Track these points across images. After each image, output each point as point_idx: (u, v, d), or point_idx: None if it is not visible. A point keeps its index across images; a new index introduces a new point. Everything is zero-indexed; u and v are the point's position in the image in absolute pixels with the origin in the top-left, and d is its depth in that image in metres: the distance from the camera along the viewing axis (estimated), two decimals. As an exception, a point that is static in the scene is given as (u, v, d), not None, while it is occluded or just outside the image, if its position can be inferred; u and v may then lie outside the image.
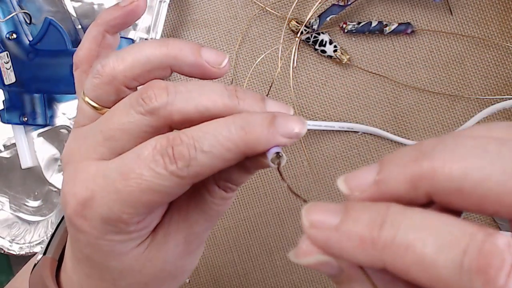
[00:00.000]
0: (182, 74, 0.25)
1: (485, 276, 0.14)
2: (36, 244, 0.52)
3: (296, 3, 0.49)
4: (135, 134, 0.23)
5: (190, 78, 0.26)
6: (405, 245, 0.15)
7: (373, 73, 0.48)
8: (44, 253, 0.30)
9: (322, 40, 0.48)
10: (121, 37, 0.44)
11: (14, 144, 0.54)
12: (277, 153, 0.22)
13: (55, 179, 0.54)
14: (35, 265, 0.30)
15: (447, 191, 0.16)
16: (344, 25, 0.47)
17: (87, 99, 0.25)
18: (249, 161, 0.23)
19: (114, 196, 0.23)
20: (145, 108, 0.23)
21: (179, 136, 0.22)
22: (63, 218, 0.32)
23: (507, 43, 0.46)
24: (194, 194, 0.26)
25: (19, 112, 0.51)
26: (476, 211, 0.16)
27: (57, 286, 0.28)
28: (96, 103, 0.25)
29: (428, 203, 0.17)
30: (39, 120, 0.52)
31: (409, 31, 0.47)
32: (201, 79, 0.25)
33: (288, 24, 0.49)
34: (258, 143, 0.22)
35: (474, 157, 0.16)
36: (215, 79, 0.25)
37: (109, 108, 0.25)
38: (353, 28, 0.47)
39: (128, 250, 0.25)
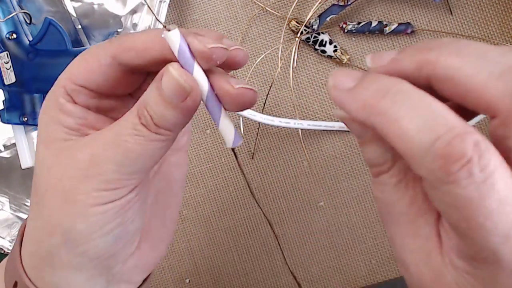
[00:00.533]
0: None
1: (443, 161, 0.17)
2: (36, 244, 0.52)
3: (296, 3, 0.49)
4: None
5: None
6: (395, 117, 0.18)
7: (373, 73, 0.48)
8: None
9: (322, 40, 0.48)
10: (121, 37, 0.44)
11: (14, 144, 0.54)
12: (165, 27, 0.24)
13: (55, 179, 0.54)
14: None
15: (442, 78, 0.19)
16: (344, 25, 0.47)
17: None
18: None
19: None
20: None
21: None
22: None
23: (507, 43, 0.46)
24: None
25: (19, 112, 0.51)
26: (462, 102, 0.19)
27: (20, 260, 0.27)
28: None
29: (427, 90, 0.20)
30: (39, 120, 0.52)
31: (409, 31, 0.47)
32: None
33: (288, 24, 0.49)
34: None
35: (471, 57, 0.19)
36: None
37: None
38: (353, 28, 0.47)
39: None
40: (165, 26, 0.23)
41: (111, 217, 0.25)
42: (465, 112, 0.20)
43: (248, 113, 0.47)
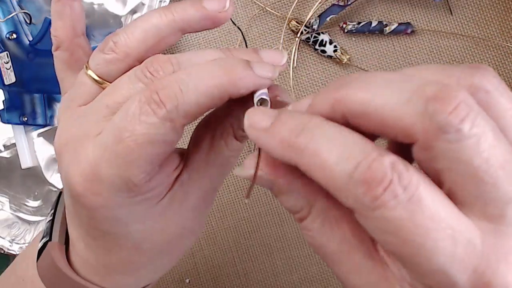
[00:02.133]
0: (194, 32, 0.26)
1: (367, 186, 0.17)
2: (36, 244, 0.52)
3: (296, 3, 0.49)
4: None
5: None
6: (314, 151, 0.19)
7: (373, 73, 0.48)
8: (50, 239, 0.30)
9: (322, 40, 0.48)
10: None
11: (14, 144, 0.54)
12: (262, 98, 0.24)
13: (55, 179, 0.54)
14: (39, 252, 0.30)
15: (356, 114, 0.19)
16: (344, 25, 0.47)
17: (90, 72, 0.25)
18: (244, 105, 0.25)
19: (117, 161, 0.23)
20: (154, 80, 0.24)
21: (161, 82, 0.23)
22: (57, 202, 0.31)
23: (507, 43, 0.46)
24: (213, 148, 0.27)
25: (19, 112, 0.51)
26: (380, 134, 0.19)
27: (71, 269, 0.28)
28: (101, 78, 0.25)
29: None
30: (39, 120, 0.52)
31: (409, 31, 0.47)
32: (212, 28, 0.26)
33: (288, 24, 0.49)
34: (238, 81, 0.23)
35: (378, 88, 0.19)
36: (224, 22, 0.26)
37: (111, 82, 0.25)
38: (353, 28, 0.47)
39: (147, 210, 0.25)
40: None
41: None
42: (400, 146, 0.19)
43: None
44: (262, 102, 0.24)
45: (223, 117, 0.26)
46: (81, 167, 0.24)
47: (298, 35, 0.48)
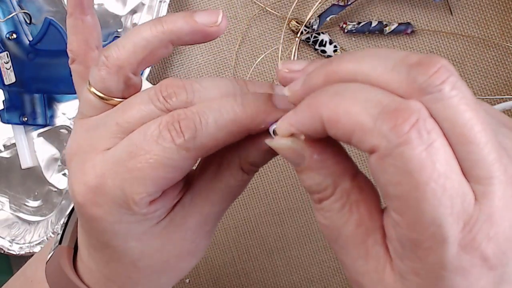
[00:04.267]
0: (184, 45, 0.26)
1: (394, 121, 0.18)
2: (36, 244, 0.52)
3: (296, 3, 0.49)
4: None
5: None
6: (339, 102, 0.19)
7: (373, 73, 0.48)
8: (60, 242, 0.30)
9: (322, 40, 0.48)
10: (119, 37, 0.44)
11: (14, 144, 0.54)
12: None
13: (55, 179, 0.54)
14: (50, 254, 0.30)
15: (347, 81, 0.20)
16: (344, 25, 0.47)
17: (93, 89, 0.25)
18: (260, 139, 0.25)
19: (124, 176, 0.23)
20: (166, 106, 0.24)
21: (184, 112, 0.23)
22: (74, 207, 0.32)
23: (507, 43, 0.46)
24: (218, 177, 0.27)
25: (19, 112, 0.51)
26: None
27: (76, 275, 0.28)
28: (103, 94, 0.25)
29: None
30: (39, 120, 0.52)
31: (409, 31, 0.47)
32: (203, 42, 0.26)
33: (288, 24, 0.49)
34: (258, 119, 0.24)
35: (367, 59, 0.20)
36: (216, 37, 0.26)
37: (116, 97, 0.26)
38: (353, 28, 0.47)
39: (146, 230, 0.26)
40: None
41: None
42: None
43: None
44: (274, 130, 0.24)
45: (231, 147, 0.26)
46: (86, 177, 0.24)
47: (298, 35, 0.48)
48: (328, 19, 0.47)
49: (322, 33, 0.48)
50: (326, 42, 0.48)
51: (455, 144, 0.19)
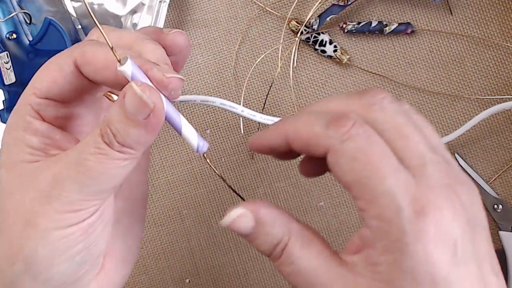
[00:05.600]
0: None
1: (338, 125, 0.24)
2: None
3: (296, 3, 0.49)
4: None
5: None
6: (296, 122, 0.26)
7: (373, 73, 0.48)
8: None
9: (322, 40, 0.48)
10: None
11: (14, 144, 0.54)
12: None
13: (55, 179, 0.54)
14: None
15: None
16: (344, 25, 0.47)
17: None
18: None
19: None
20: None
21: None
22: None
23: (507, 43, 0.46)
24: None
25: (19, 112, 0.51)
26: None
27: None
28: None
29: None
30: (39, 120, 0.52)
31: (409, 31, 0.47)
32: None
33: (288, 24, 0.49)
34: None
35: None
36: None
37: None
38: (353, 28, 0.47)
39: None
40: (119, 61, 0.24)
41: (74, 241, 0.24)
42: None
43: (248, 113, 0.47)
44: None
45: None
46: None
47: (298, 35, 0.48)
48: (328, 19, 0.47)
49: (322, 33, 0.48)
50: (326, 42, 0.48)
51: (392, 141, 0.24)
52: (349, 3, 0.47)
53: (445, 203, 0.22)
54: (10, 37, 0.49)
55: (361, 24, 0.47)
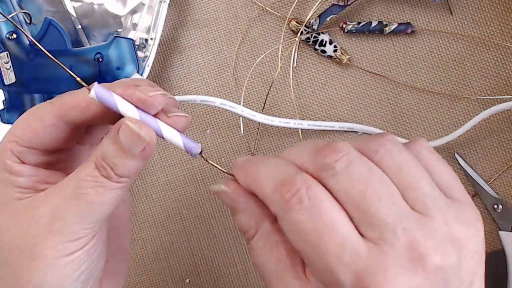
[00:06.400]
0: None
1: (281, 193, 0.23)
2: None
3: (296, 3, 0.49)
4: None
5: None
6: (256, 177, 0.25)
7: (373, 73, 0.48)
8: None
9: (322, 40, 0.48)
10: (119, 37, 0.44)
11: (14, 144, 0.54)
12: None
13: (55, 179, 0.54)
14: None
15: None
16: (344, 25, 0.47)
17: None
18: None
19: None
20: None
21: None
22: None
23: (507, 43, 0.46)
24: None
25: (19, 112, 0.51)
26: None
27: None
28: None
29: None
30: (39, 120, 0.52)
31: (409, 31, 0.47)
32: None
33: (288, 24, 0.49)
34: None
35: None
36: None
37: None
38: (353, 28, 0.47)
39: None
40: (89, 89, 0.25)
41: (78, 263, 0.26)
42: None
43: (248, 113, 0.47)
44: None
45: None
46: None
47: (298, 35, 0.48)
48: (328, 19, 0.47)
49: (322, 33, 0.48)
50: (326, 42, 0.48)
51: (350, 210, 0.22)
52: (349, 3, 0.47)
53: (399, 278, 0.21)
54: (10, 37, 0.49)
55: (361, 24, 0.47)
